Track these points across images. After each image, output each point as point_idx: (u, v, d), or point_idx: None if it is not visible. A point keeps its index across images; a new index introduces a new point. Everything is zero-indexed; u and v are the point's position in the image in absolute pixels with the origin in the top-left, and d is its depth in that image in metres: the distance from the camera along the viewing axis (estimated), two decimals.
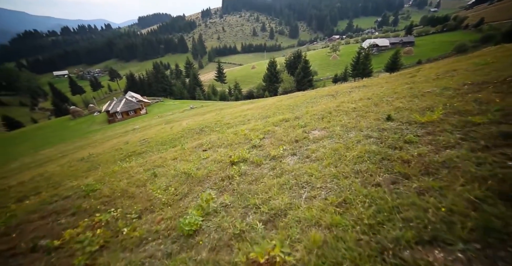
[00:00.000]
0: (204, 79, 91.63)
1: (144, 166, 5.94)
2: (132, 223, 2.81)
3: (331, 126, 4.64)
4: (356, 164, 2.63)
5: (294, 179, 2.77)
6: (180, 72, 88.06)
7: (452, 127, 2.77)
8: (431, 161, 2.19)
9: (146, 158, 7.36)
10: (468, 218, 1.47)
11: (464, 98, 3.75)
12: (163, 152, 7.52)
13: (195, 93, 66.49)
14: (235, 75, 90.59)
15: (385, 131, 3.37)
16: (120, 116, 45.02)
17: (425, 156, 2.31)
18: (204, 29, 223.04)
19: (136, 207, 3.27)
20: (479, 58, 9.20)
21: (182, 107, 44.33)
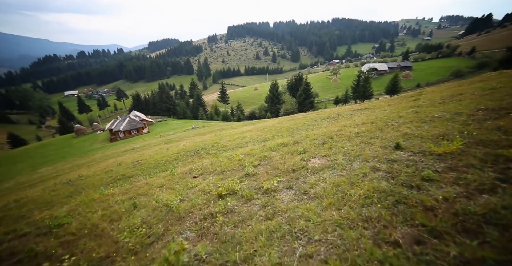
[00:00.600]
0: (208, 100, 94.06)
1: (127, 193, 5.39)
2: None
3: (333, 154, 4.18)
4: (364, 208, 2.12)
5: (288, 225, 2.23)
6: (185, 92, 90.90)
7: (480, 162, 2.29)
8: (466, 212, 1.66)
9: (133, 183, 6.82)
10: None
11: (482, 125, 3.33)
12: (152, 177, 7.00)
13: (198, 113, 67.67)
14: (238, 96, 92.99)
15: (395, 162, 2.89)
16: (122, 134, 45.19)
17: (454, 203, 1.80)
18: (210, 52, 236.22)
19: (97, 252, 2.69)
20: (483, 83, 9.00)
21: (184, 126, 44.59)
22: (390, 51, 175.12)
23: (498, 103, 4.18)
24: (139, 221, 3.48)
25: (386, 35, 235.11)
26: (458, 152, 2.64)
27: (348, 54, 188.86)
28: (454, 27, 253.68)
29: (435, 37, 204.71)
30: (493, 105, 4.22)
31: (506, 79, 8.44)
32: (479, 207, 1.67)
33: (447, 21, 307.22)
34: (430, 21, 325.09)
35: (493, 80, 8.70)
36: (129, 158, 16.17)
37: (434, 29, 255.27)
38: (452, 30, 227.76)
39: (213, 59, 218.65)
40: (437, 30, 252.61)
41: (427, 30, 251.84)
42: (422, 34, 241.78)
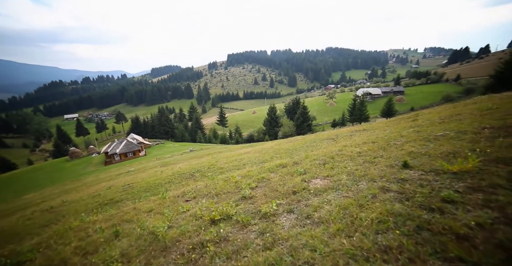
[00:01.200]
0: (206, 123, 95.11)
1: (111, 220, 4.87)
2: None
3: (335, 174, 3.90)
4: (379, 234, 1.79)
5: (290, 256, 1.87)
6: (184, 116, 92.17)
7: (508, 182, 2.03)
8: (507, 239, 1.37)
9: (120, 208, 6.27)
10: None
11: (494, 143, 3.15)
12: (141, 201, 6.49)
13: (197, 136, 67.65)
14: (237, 119, 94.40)
15: (406, 182, 2.62)
16: (118, 158, 44.10)
17: (494, 231, 1.49)
18: (210, 78, 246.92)
19: None
20: (477, 104, 9.15)
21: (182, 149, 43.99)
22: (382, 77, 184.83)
23: (503, 122, 4.08)
24: (117, 253, 3.01)
25: (377, 63, 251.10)
26: (476, 170, 2.40)
27: (342, 80, 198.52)
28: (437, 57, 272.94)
29: (422, 65, 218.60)
30: (497, 124, 4.11)
31: (499, 101, 8.61)
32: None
33: (431, 51, 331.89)
34: (415, 51, 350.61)
35: (486, 102, 8.85)
36: (121, 181, 15.44)
37: (420, 58, 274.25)
38: (436, 60, 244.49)
39: (212, 84, 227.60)
40: (423, 59, 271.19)
41: (414, 59, 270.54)
42: (409, 62, 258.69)
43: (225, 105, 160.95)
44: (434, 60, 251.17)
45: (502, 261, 1.26)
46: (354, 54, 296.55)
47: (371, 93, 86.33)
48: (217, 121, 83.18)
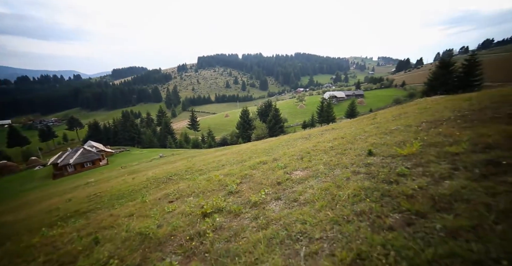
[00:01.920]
0: (177, 127, 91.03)
1: (85, 229, 4.58)
2: None
3: (313, 165, 4.38)
4: (354, 204, 2.23)
5: (285, 230, 2.18)
6: (152, 120, 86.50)
7: (436, 158, 2.70)
8: (438, 195, 1.93)
9: (91, 218, 5.84)
10: None
11: (428, 132, 3.98)
12: (116, 208, 6.14)
13: (166, 142, 64.01)
14: (209, 123, 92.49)
15: (371, 165, 3.18)
16: (72, 169, 38.66)
17: (427, 189, 2.06)
18: (179, 81, 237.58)
19: None
20: (417, 105, 10.97)
21: (151, 156, 41.20)
22: (345, 82, 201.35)
23: (433, 117, 5.12)
24: (105, 255, 2.94)
25: (340, 68, 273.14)
26: (418, 152, 3.07)
27: (311, 83, 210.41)
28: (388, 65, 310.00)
29: (376, 72, 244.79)
30: (430, 118, 5.13)
31: (431, 102, 10.54)
32: (446, 190, 1.96)
33: (383, 60, 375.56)
34: (371, 59, 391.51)
35: (423, 103, 10.73)
36: (82, 193, 13.92)
37: (375, 65, 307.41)
38: (387, 67, 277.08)
39: (182, 87, 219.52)
40: (377, 66, 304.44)
41: (370, 66, 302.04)
42: (367, 69, 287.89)
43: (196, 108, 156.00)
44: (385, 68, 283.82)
45: (431, 206, 1.80)
46: (320, 60, 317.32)
47: (336, 96, 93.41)
48: (188, 125, 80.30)
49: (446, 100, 9.56)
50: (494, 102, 4.90)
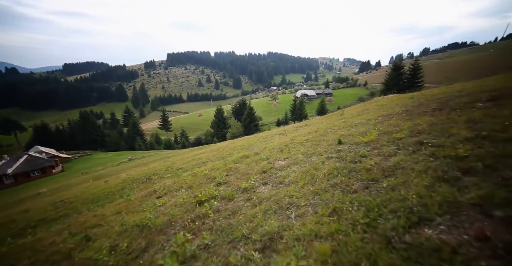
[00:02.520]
0: (146, 128, 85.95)
1: (67, 230, 4.48)
2: None
3: (293, 155, 4.96)
4: (329, 180, 2.81)
5: (276, 204, 2.66)
6: (117, 121, 79.54)
7: (387, 142, 3.47)
8: (386, 166, 2.61)
9: (69, 222, 5.60)
10: (432, 198, 1.75)
11: (383, 124, 4.87)
12: (97, 209, 5.97)
13: (135, 143, 59.57)
14: (182, 122, 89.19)
15: (341, 151, 3.85)
16: (11, 180, 32.56)
17: (380, 164, 2.74)
18: (147, 79, 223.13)
19: None
20: (376, 102, 12.59)
21: (118, 159, 38.15)
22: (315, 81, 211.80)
23: (386, 112, 6.17)
24: (106, 245, 3.07)
25: (311, 68, 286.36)
26: (375, 139, 3.83)
27: (283, 82, 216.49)
28: (352, 66, 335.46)
29: (343, 72, 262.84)
30: (385, 113, 6.16)
31: (387, 100, 12.23)
32: (391, 163, 2.67)
33: (348, 61, 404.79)
34: (338, 60, 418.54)
35: (381, 101, 12.38)
36: (39, 203, 12.50)
37: (341, 66, 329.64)
38: (352, 68, 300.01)
39: (151, 85, 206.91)
40: (343, 67, 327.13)
41: (337, 66, 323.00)
42: (334, 69, 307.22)
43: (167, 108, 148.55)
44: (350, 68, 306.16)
45: (381, 174, 2.48)
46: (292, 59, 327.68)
47: (308, 94, 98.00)
48: (159, 126, 76.31)
49: (398, 98, 11.17)
50: (427, 100, 6.11)
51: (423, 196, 1.80)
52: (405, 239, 1.45)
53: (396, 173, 2.40)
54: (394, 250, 1.39)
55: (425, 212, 1.63)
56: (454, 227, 1.42)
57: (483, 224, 1.35)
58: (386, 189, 2.14)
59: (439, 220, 1.52)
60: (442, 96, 6.08)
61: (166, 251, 2.30)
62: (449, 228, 1.43)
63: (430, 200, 1.72)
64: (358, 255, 1.41)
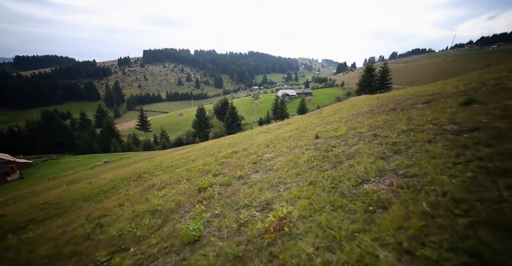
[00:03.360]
0: (122, 129, 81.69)
1: (75, 222, 4.78)
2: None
3: (278, 149, 5.75)
4: (308, 164, 3.63)
5: (268, 184, 3.40)
6: (89, 121, 73.65)
7: (352, 136, 4.41)
8: (349, 152, 3.51)
9: (68, 217, 5.80)
10: (372, 168, 2.64)
11: (352, 121, 5.89)
12: (95, 205, 6.22)
13: (111, 145, 56.03)
14: (161, 122, 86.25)
15: (317, 144, 4.72)
16: None
17: (345, 151, 3.63)
18: (122, 76, 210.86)
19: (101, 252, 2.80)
20: (349, 102, 14.01)
21: (91, 162, 35.51)
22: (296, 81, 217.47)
23: (356, 111, 7.28)
24: (125, 226, 3.53)
25: (291, 68, 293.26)
26: (344, 134, 4.77)
27: (264, 82, 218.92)
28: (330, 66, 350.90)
29: (321, 72, 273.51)
30: (354, 112, 7.25)
31: (358, 100, 13.70)
32: (353, 150, 3.58)
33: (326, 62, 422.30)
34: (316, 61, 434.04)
35: (354, 101, 13.82)
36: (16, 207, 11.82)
37: (320, 66, 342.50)
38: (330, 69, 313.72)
39: (126, 84, 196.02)
40: (322, 67, 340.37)
41: (316, 66, 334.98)
42: (313, 69, 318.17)
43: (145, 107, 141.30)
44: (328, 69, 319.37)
45: (346, 158, 3.34)
46: (273, 59, 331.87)
47: (289, 94, 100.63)
48: (137, 126, 72.98)
49: (367, 99, 12.62)
50: (388, 101, 7.32)
51: (367, 168, 2.67)
52: (352, 191, 2.28)
53: (355, 156, 3.28)
54: (345, 197, 2.21)
55: (366, 176, 2.49)
56: (380, 182, 2.29)
57: (393, 178, 2.22)
58: (346, 167, 2.99)
59: (373, 180, 2.38)
60: (398, 98, 7.33)
61: (184, 221, 2.92)
62: (377, 184, 2.29)
63: (370, 170, 2.60)
64: (324, 203, 2.20)
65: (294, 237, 1.90)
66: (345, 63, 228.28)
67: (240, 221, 2.40)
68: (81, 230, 4.04)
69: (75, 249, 3.36)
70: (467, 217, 1.46)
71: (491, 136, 2.40)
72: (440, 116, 3.62)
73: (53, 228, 4.96)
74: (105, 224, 4.06)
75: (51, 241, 3.98)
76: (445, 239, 1.37)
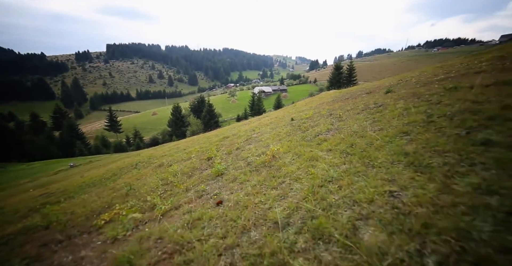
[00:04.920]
0: (87, 131, 75.90)
1: (104, 192, 5.80)
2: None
3: (263, 131, 7.36)
4: (287, 134, 5.31)
5: (259, 146, 4.98)
6: (43, 124, 65.44)
7: (317, 116, 6.23)
8: (313, 125, 5.28)
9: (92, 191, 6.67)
10: (324, 129, 4.37)
11: (318, 108, 7.79)
12: (109, 184, 7.14)
13: (75, 149, 50.72)
14: (133, 122, 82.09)
15: (293, 123, 6.46)
16: None
17: (311, 124, 5.38)
18: (82, 73, 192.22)
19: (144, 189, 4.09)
20: (319, 96, 16.35)
21: (52, 168, 30.35)
22: (271, 78, 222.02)
23: (322, 101, 9.24)
24: (158, 183, 4.78)
25: (266, 65, 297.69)
26: (311, 116, 6.57)
27: (240, 79, 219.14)
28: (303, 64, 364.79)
29: (295, 69, 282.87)
30: (321, 102, 9.20)
31: (326, 94, 16.04)
32: (315, 124, 5.32)
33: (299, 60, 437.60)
34: (290, 58, 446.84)
35: (322, 95, 16.16)
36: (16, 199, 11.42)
37: (294, 64, 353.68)
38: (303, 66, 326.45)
39: (88, 81, 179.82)
40: (296, 65, 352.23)
41: (290, 64, 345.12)
42: (288, 66, 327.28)
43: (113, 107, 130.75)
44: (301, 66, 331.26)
45: (311, 127, 5.08)
46: (248, 56, 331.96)
47: (265, 91, 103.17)
48: (106, 127, 68.68)
49: (334, 92, 14.98)
50: (346, 93, 9.45)
51: (321, 129, 4.43)
52: (312, 138, 3.98)
53: (316, 126, 5.03)
54: (308, 141, 3.91)
55: (320, 132, 4.24)
56: (327, 134, 4.02)
57: (333, 131, 3.99)
58: (310, 131, 4.73)
59: (323, 133, 4.12)
60: (354, 91, 9.50)
61: (206, 172, 4.35)
62: (325, 134, 4.02)
63: (323, 129, 4.36)
64: (296, 144, 3.86)
65: (280, 159, 3.49)
66: (317, 61, 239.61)
67: (248, 161, 3.93)
68: (118, 193, 5.16)
69: (123, 200, 4.53)
70: (362, 138, 3.22)
71: (385, 108, 4.29)
72: (369, 100, 5.57)
73: (79, 201, 5.88)
74: (136, 188, 5.23)
75: (88, 204, 5.01)
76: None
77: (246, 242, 1.80)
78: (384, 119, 3.60)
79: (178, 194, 3.54)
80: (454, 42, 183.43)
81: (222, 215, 2.30)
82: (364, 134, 3.27)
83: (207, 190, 3.31)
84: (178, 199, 3.26)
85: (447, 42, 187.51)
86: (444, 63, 8.92)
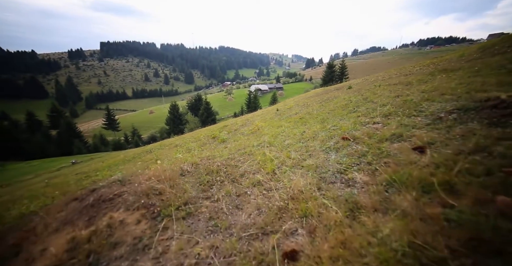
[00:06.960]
0: (84, 129, 76.14)
1: (134, 166, 7.68)
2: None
3: (255, 120, 9.27)
4: (271, 119, 7.25)
5: (251, 126, 6.91)
6: (39, 123, 64.51)
7: (296, 107, 8.19)
8: (290, 113, 7.23)
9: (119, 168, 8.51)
10: (300, 113, 6.32)
11: (300, 102, 9.76)
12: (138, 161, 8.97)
13: (73, 147, 50.84)
14: (131, 121, 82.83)
15: (277, 113, 8.42)
16: None
17: (289, 113, 7.34)
18: (76, 71, 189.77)
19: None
20: (307, 93, 18.37)
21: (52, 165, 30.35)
22: (267, 76, 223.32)
23: (309, 96, 11.20)
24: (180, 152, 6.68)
25: (262, 63, 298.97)
26: (292, 107, 8.54)
27: (236, 77, 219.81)
28: (299, 62, 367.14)
29: (292, 67, 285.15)
30: (308, 96, 11.17)
31: (313, 91, 18.10)
32: (293, 113, 7.28)
33: (295, 58, 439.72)
34: (286, 56, 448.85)
35: (310, 92, 18.19)
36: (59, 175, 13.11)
37: (290, 62, 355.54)
38: (299, 64, 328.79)
39: (83, 80, 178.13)
40: (292, 63, 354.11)
41: (286, 62, 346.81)
42: (284, 64, 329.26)
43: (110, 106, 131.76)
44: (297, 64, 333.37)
45: (289, 113, 7.05)
46: (244, 54, 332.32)
47: (261, 89, 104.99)
48: (103, 125, 69.27)
49: (321, 89, 17.02)
50: (326, 90, 11.43)
51: (297, 112, 6.35)
52: (288, 117, 5.93)
53: (291, 111, 6.97)
54: (283, 119, 5.85)
55: (290, 115, 6.16)
56: (297, 114, 5.97)
57: (303, 113, 5.94)
58: (285, 115, 6.68)
59: (296, 113, 6.06)
60: (338, 86, 11.57)
61: (214, 143, 6.26)
62: (294, 115, 5.97)
63: (293, 112, 6.29)
64: (275, 123, 5.78)
65: (262, 130, 5.45)
66: (313, 59, 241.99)
67: (243, 133, 5.88)
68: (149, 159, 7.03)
69: None
70: (309, 114, 5.17)
71: (335, 98, 6.28)
72: (333, 94, 7.56)
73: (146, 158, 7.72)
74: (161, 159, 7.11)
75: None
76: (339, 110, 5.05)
77: (242, 150, 3.81)
78: (328, 105, 5.61)
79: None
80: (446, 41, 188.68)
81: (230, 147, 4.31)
82: (311, 113, 5.30)
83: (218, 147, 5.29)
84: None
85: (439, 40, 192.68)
86: (401, 66, 10.98)
